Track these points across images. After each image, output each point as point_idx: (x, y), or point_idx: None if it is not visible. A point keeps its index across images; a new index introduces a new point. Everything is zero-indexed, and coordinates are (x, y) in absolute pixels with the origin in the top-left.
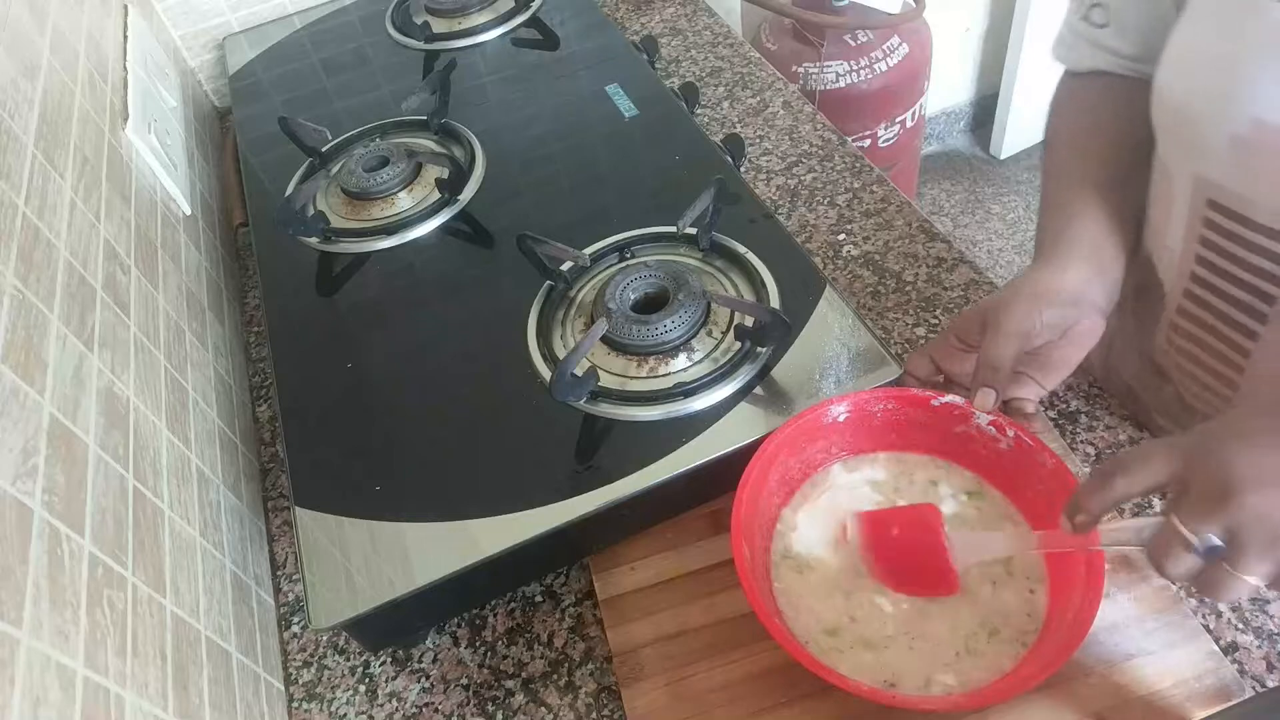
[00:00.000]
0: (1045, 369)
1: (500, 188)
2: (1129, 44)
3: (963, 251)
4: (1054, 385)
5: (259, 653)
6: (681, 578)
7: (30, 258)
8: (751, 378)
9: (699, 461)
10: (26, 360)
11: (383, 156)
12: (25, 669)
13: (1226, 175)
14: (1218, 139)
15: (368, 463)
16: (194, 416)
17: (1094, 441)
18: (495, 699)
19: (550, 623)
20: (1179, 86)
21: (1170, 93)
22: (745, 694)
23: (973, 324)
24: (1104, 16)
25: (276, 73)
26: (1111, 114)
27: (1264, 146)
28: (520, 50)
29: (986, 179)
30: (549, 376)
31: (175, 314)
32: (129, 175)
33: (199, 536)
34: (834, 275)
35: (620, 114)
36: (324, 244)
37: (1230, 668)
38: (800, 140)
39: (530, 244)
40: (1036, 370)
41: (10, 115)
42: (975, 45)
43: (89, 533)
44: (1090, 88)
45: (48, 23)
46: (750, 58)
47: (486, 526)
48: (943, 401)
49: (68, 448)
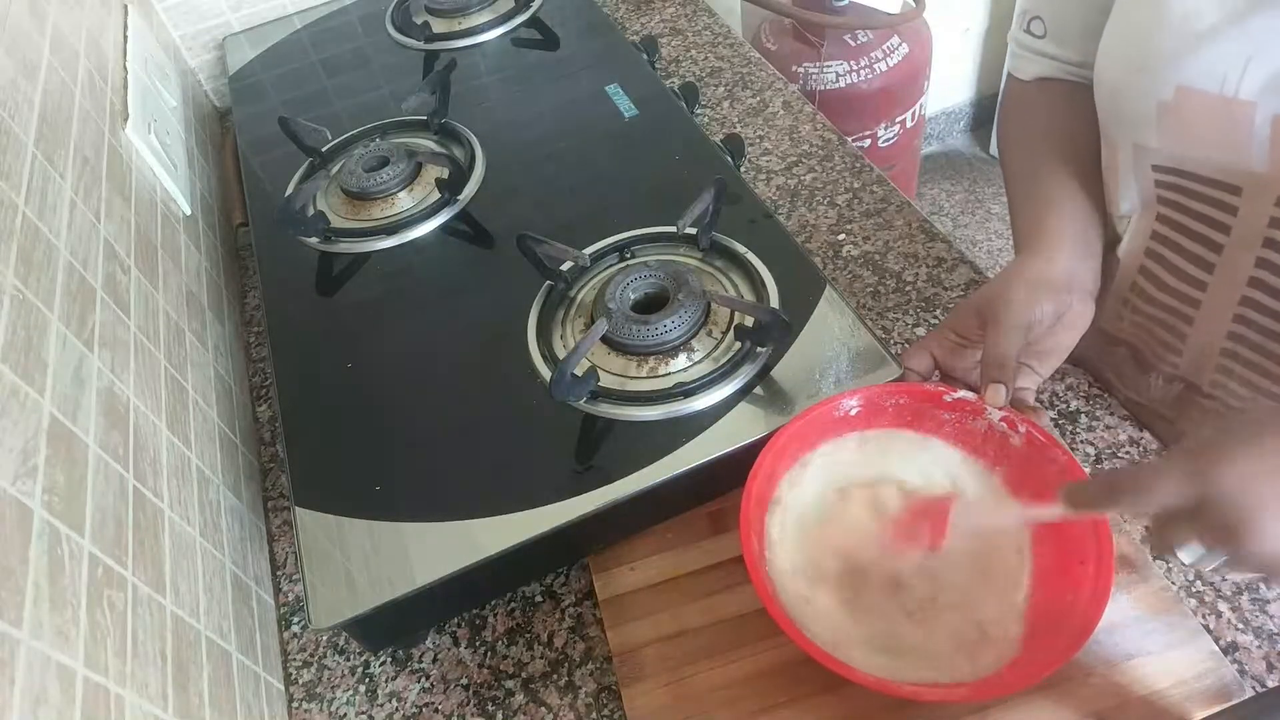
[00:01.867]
0: (1041, 356)
1: (500, 188)
2: (1069, 51)
3: (963, 251)
4: (1049, 372)
5: (259, 653)
6: (682, 577)
7: (30, 258)
8: (751, 378)
9: (699, 461)
10: (26, 360)
11: (383, 156)
12: (25, 669)
13: (1160, 140)
14: (1147, 108)
15: (367, 463)
16: (194, 416)
17: (1094, 441)
18: (495, 699)
19: (550, 623)
20: (1111, 65)
21: (1105, 73)
22: (746, 693)
23: (969, 319)
24: (1042, 28)
25: (276, 73)
26: (1060, 112)
27: (1188, 110)
28: (520, 50)
29: (986, 179)
30: (549, 376)
31: (175, 314)
32: (129, 175)
33: (199, 536)
34: (834, 275)
35: (620, 114)
36: (324, 244)
37: (1230, 668)
38: (800, 140)
39: (530, 244)
40: (1033, 358)
41: (10, 115)
42: (975, 45)
43: (89, 533)
44: (1037, 93)
45: (48, 23)
46: (750, 58)
47: (486, 526)
48: (955, 397)
49: (68, 448)
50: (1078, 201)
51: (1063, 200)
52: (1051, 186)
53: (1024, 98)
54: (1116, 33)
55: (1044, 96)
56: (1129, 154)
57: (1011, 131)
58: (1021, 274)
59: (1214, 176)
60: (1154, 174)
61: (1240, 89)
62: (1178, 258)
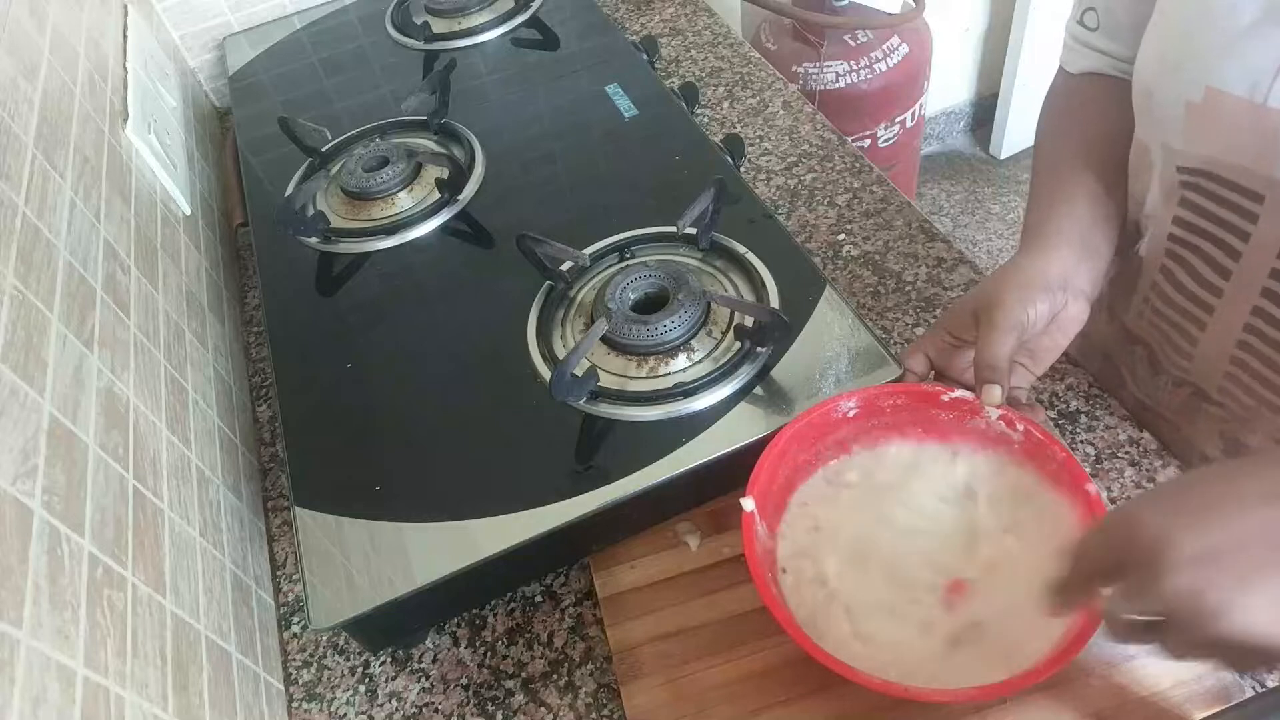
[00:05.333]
0: (1034, 356)
1: (500, 188)
2: (1121, 45)
3: (963, 251)
4: (1043, 371)
5: (259, 653)
6: (682, 575)
7: (30, 258)
8: (751, 378)
9: (699, 461)
10: (26, 360)
11: (383, 156)
12: (25, 669)
13: (1186, 142)
14: (1176, 108)
15: (367, 463)
16: (194, 416)
17: (1094, 441)
18: (495, 699)
19: (550, 623)
20: (1148, 62)
21: (1142, 69)
22: (745, 692)
23: (964, 319)
24: (1095, 20)
25: (276, 73)
26: (1099, 110)
27: (1216, 113)
28: (520, 50)
29: (986, 179)
30: (549, 376)
31: (175, 314)
32: (129, 175)
33: (199, 536)
34: (834, 275)
35: (620, 114)
36: (324, 244)
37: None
38: (800, 140)
39: (530, 244)
40: (1026, 357)
41: (10, 115)
42: (975, 45)
43: (89, 533)
44: (1080, 86)
45: (48, 23)
46: (750, 58)
47: (486, 526)
48: (953, 396)
49: (68, 448)
50: (1091, 202)
51: (1076, 199)
52: (1069, 184)
53: (1068, 92)
54: (1158, 28)
55: (1088, 92)
56: (1158, 154)
57: (1049, 124)
58: (1016, 274)
59: (1238, 181)
60: (1179, 175)
61: (1270, 96)
62: (1197, 260)
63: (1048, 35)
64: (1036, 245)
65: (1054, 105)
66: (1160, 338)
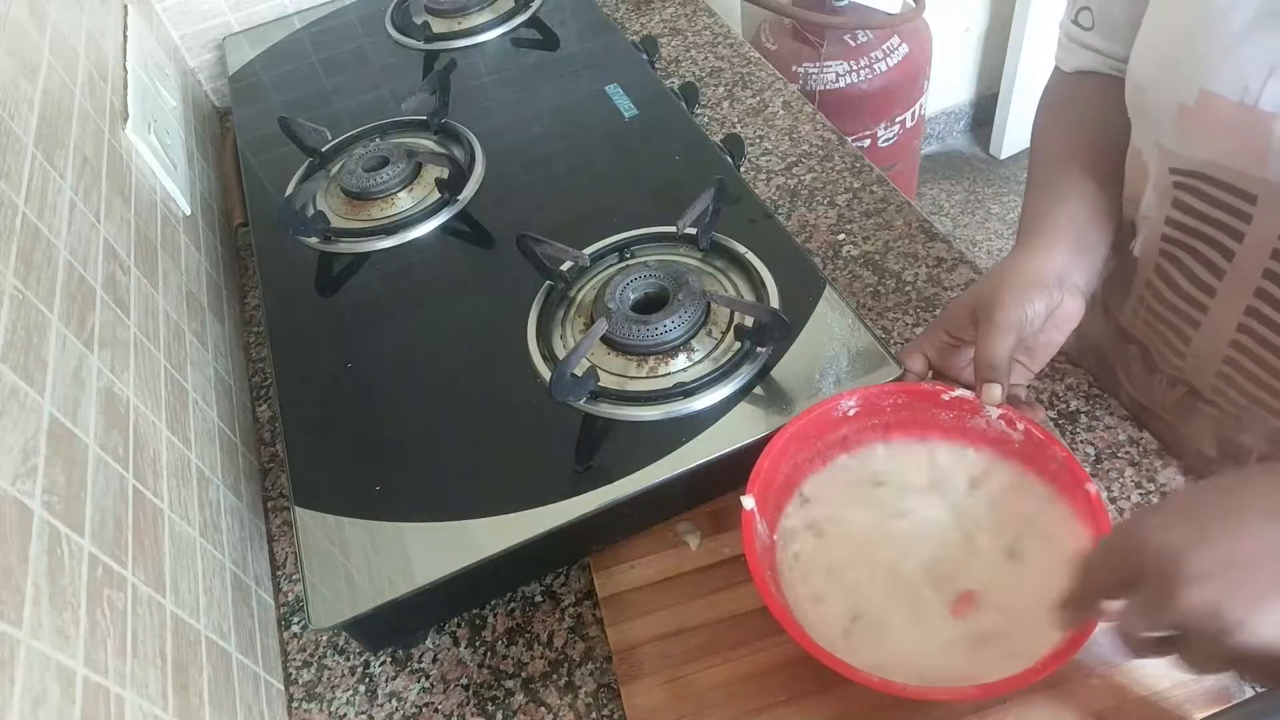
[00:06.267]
0: (1031, 353)
1: (500, 188)
2: (1116, 44)
3: (963, 251)
4: (1040, 367)
5: (259, 653)
6: (682, 575)
7: (30, 258)
8: (751, 378)
9: (699, 461)
10: (26, 360)
11: (383, 156)
12: (25, 669)
13: (1180, 143)
14: (1169, 109)
15: (367, 463)
16: (194, 416)
17: (1094, 441)
18: (495, 699)
19: (550, 623)
20: (1143, 61)
21: (1136, 69)
22: (744, 692)
23: (962, 318)
24: (1090, 19)
25: (276, 73)
26: (1097, 109)
27: (1207, 115)
28: (520, 50)
29: (986, 179)
30: (549, 376)
31: (175, 314)
32: (129, 175)
33: (199, 536)
34: (834, 275)
35: (620, 114)
36: (324, 244)
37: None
38: (800, 140)
39: (530, 244)
40: (1023, 354)
41: (10, 115)
42: (975, 45)
43: (89, 533)
44: (1076, 85)
45: (48, 23)
46: (750, 58)
47: (486, 526)
48: (953, 396)
49: (68, 448)
50: (1086, 199)
51: (1070, 196)
52: (1065, 181)
53: (1062, 90)
54: (1154, 27)
55: (1083, 90)
56: (1152, 154)
57: (1044, 123)
58: (1013, 272)
59: (1231, 183)
60: (1172, 176)
61: (1261, 99)
62: (1191, 260)
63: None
64: (1033, 242)
65: (1049, 104)
66: (1155, 337)
